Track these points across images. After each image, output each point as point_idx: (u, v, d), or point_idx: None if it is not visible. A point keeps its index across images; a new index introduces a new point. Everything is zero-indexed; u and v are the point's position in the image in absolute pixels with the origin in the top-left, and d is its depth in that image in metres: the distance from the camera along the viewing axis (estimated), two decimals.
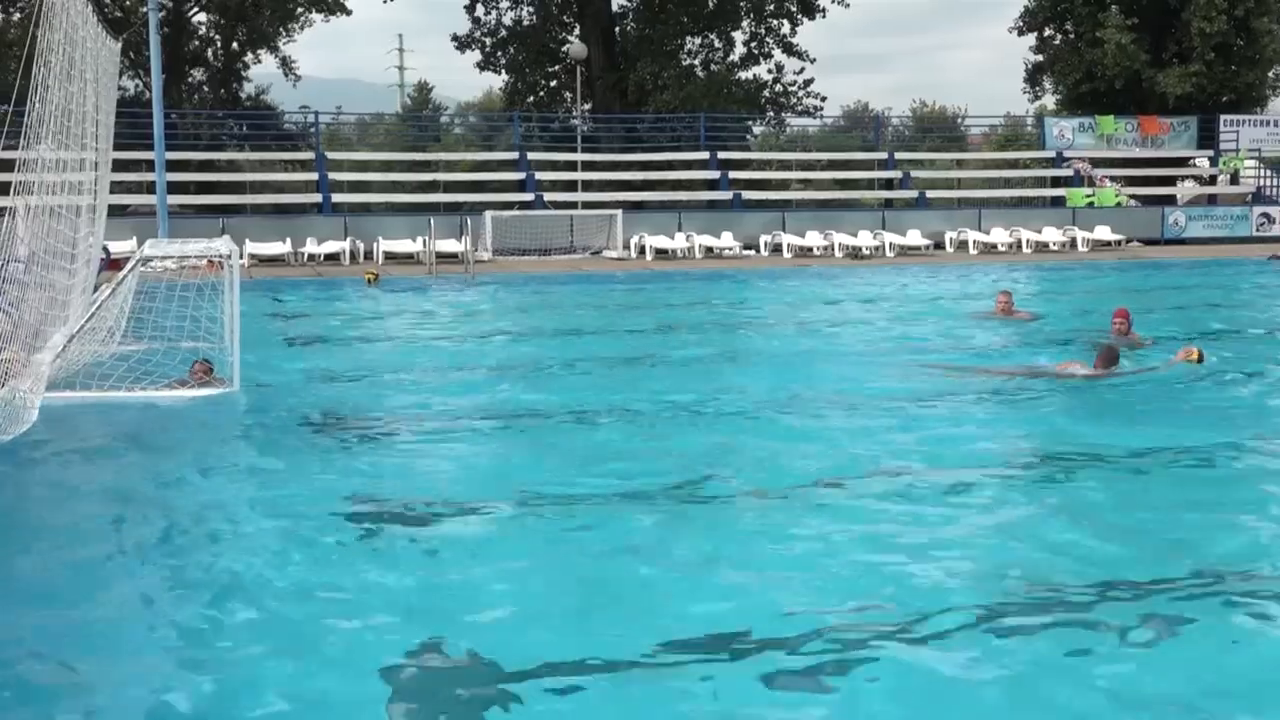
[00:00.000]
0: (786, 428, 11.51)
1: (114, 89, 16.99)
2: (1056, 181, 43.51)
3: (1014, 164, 47.14)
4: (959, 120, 70.53)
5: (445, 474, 9.72)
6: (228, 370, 12.68)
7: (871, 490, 9.05)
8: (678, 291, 26.14)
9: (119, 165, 26.59)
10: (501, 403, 12.94)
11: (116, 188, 22.12)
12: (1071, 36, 47.54)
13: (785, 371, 14.94)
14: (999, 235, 37.70)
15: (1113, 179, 42.65)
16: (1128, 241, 38.27)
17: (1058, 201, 42.50)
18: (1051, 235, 37.94)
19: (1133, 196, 42.82)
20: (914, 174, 43.62)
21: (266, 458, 10.28)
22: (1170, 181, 44.94)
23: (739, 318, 21.91)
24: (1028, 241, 37.37)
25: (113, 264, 18.35)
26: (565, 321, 21.23)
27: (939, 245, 37.22)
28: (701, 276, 29.55)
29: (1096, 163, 43.52)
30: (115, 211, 25.54)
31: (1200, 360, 14.03)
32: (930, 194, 43.01)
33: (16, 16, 43.71)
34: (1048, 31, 48.85)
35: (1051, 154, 44.34)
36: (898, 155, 44.78)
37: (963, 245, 37.16)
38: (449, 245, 31.88)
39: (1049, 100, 54.21)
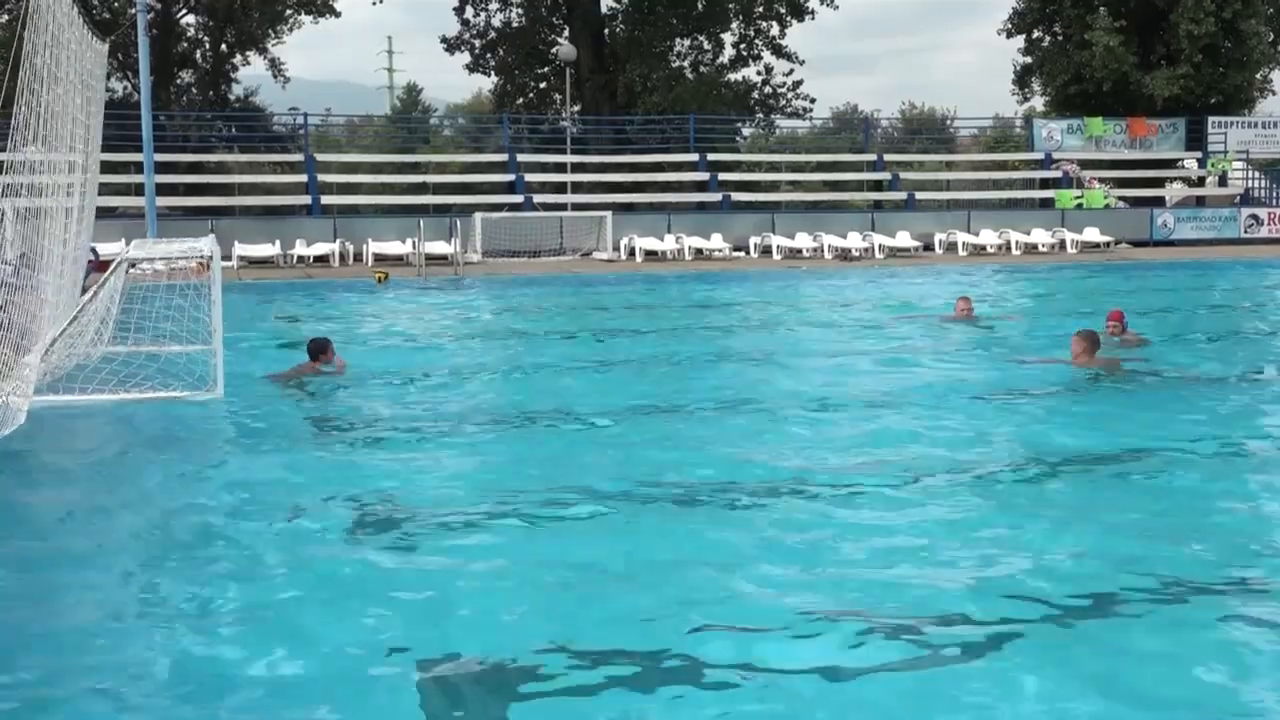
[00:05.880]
0: (777, 427, 11.51)
1: (102, 91, 16.93)
2: (1045, 183, 43.57)
3: (1003, 165, 47.23)
4: (948, 122, 70.67)
5: (436, 476, 9.67)
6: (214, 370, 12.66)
7: (865, 490, 9.03)
8: (667, 293, 26.14)
9: (108, 167, 26.54)
10: (495, 404, 12.91)
11: (105, 189, 22.09)
12: (1060, 38, 47.61)
13: (763, 373, 14.97)
14: (988, 237, 37.76)
15: (1101, 181, 42.72)
16: (1116, 243, 38.33)
17: (1046, 203, 42.57)
18: (1040, 237, 38.01)
19: (1121, 198, 42.91)
20: (903, 175, 43.65)
21: (251, 461, 10.24)
22: (1158, 183, 45.03)
23: (728, 319, 21.89)
24: (1016, 243, 37.42)
25: (100, 265, 18.28)
26: (556, 323, 21.20)
27: (928, 247, 37.27)
28: (691, 278, 29.55)
29: (1085, 164, 43.60)
30: (104, 213, 25.49)
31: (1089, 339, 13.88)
32: (919, 195, 43.08)
33: (4, 19, 43.57)
34: (1036, 33, 48.92)
35: (1040, 156, 44.41)
36: (887, 157, 44.82)
37: (952, 247, 37.19)
38: (438, 247, 31.84)
39: (1037, 102, 54.35)
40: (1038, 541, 7.81)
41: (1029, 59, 49.48)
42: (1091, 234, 38.38)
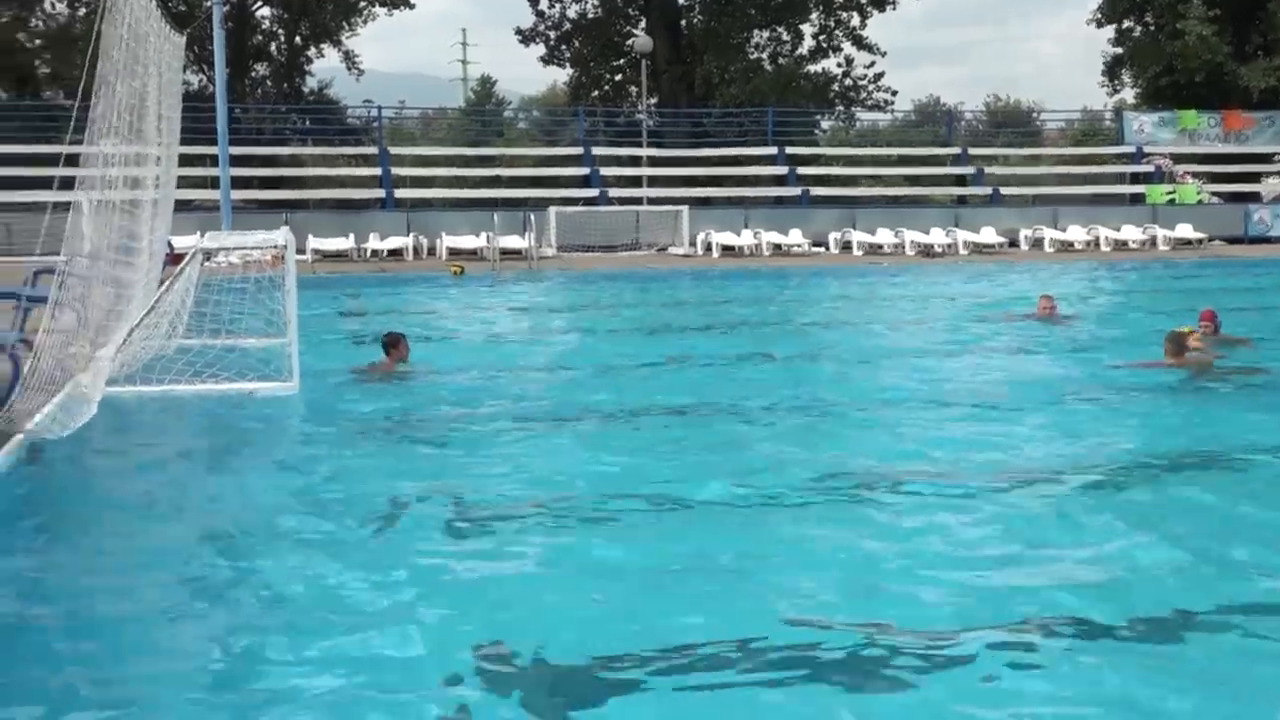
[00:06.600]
0: (853, 429, 11.48)
1: (178, 84, 17.18)
2: (1136, 178, 43.02)
3: (1091, 160, 46.66)
4: (1034, 115, 69.89)
5: (510, 473, 9.71)
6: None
7: (937, 493, 8.97)
8: (745, 289, 26.11)
9: (182, 160, 26.95)
10: (569, 401, 12.93)
11: (180, 183, 22.39)
12: (1151, 28, 46.99)
13: (843, 370, 14.94)
14: (1076, 233, 37.33)
15: (1194, 175, 42.09)
16: (1210, 240, 37.75)
17: (1137, 199, 42.00)
18: (1130, 233, 37.51)
19: (1215, 193, 42.25)
20: (988, 170, 43.27)
21: (325, 455, 10.33)
22: (1254, 178, 44.26)
23: (805, 316, 21.86)
24: (1105, 239, 36.97)
25: (176, 258, 18.57)
26: (631, 319, 21.24)
27: (1013, 243, 36.91)
28: (770, 274, 29.49)
29: (1177, 158, 42.96)
30: (179, 206, 25.87)
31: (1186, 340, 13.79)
32: (1004, 191, 42.68)
33: (82, 11, 44.41)
34: (1127, 23, 48.32)
35: (1131, 149, 43.82)
36: (971, 151, 44.45)
37: (1038, 243, 36.81)
38: (512, 241, 32.01)
39: (1128, 94, 53.65)
40: (1122, 548, 7.71)
41: (1119, 49, 48.89)
42: (1184, 230, 37.84)
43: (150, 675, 5.86)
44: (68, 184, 10.81)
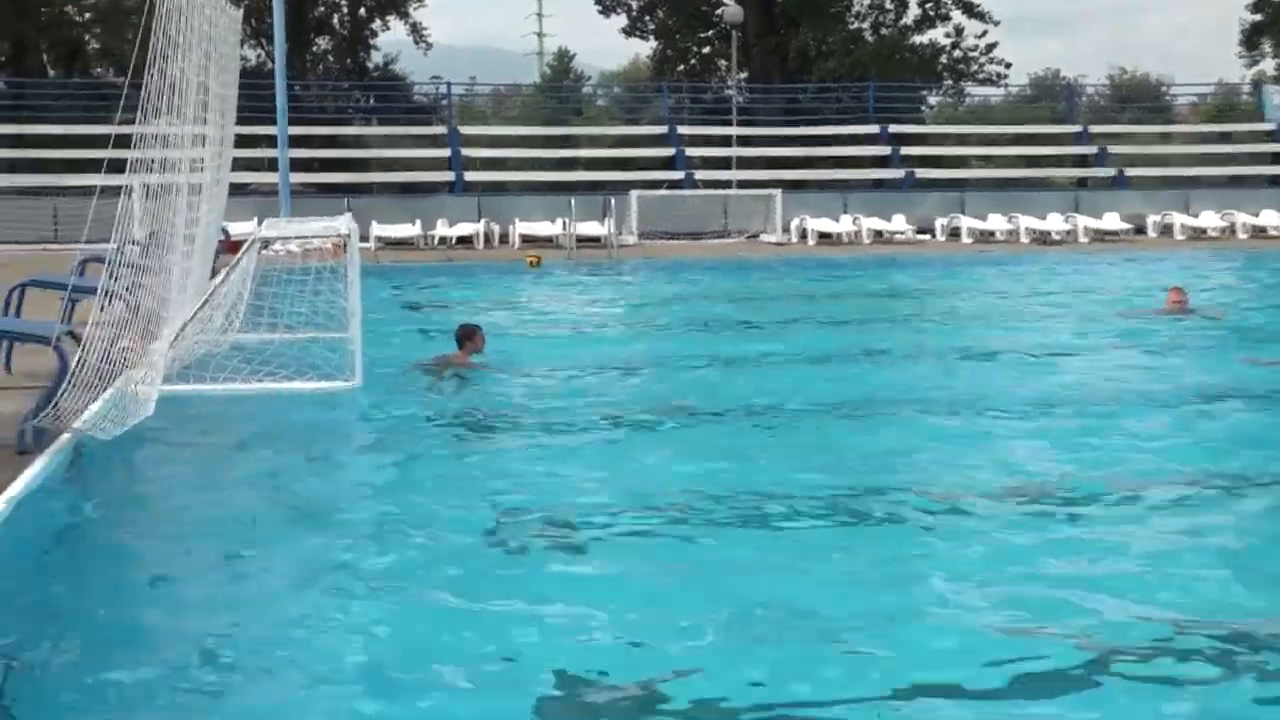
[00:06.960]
0: (955, 431, 11.36)
1: (235, 59, 17.34)
2: (1277, 158, 42.25)
3: (1227, 138, 45.91)
4: (1163, 88, 68.91)
5: (582, 476, 9.74)
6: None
7: (1061, 504, 8.88)
8: (842, 280, 25.98)
9: (239, 140, 27.28)
10: (649, 401, 12.95)
11: (237, 164, 22.64)
12: None
13: (952, 370, 14.83)
14: (1209, 219, 36.72)
15: None
16: None
17: (1277, 180, 41.25)
18: (1271, 219, 36.80)
19: None
20: (1111, 150, 42.75)
21: (389, 456, 10.42)
22: None
23: (909, 310, 21.68)
24: (1243, 225, 36.32)
25: (231, 245, 18.77)
26: (719, 312, 21.18)
27: (1140, 230, 36.40)
28: (870, 263, 29.30)
29: None
30: (235, 190, 26.21)
31: None
32: (1130, 172, 42.10)
33: None
34: None
35: (1271, 126, 43.09)
36: (1093, 129, 43.94)
37: (1167, 230, 36.26)
38: (590, 228, 32.00)
39: (1268, 65, 52.72)
40: (1260, 566, 7.58)
41: (1258, 16, 48.09)
42: None
43: (188, 672, 5.94)
44: (117, 166, 10.90)
